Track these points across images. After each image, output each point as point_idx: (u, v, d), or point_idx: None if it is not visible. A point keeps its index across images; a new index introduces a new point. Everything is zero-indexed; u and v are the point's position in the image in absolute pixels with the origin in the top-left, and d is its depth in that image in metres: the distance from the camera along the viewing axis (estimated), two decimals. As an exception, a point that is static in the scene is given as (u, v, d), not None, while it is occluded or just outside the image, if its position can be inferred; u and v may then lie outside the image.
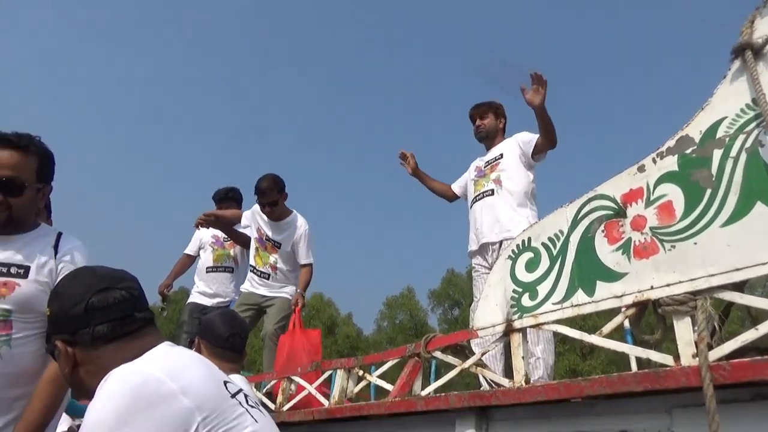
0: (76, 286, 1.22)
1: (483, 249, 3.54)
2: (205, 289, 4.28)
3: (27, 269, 1.80)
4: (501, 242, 3.43)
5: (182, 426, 1.03)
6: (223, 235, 4.37)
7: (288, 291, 4.05)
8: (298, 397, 3.03)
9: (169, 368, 1.11)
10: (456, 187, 3.92)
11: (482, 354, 2.11)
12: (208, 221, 4.12)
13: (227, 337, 2.22)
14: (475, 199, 3.65)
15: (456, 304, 34.42)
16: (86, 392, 1.14)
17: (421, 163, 3.97)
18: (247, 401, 1.20)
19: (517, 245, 2.07)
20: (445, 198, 3.98)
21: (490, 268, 3.40)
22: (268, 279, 4.07)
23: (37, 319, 1.78)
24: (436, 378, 2.41)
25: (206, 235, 4.47)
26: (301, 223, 4.05)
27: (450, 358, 2.23)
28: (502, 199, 3.50)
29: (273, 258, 4.05)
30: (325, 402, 2.69)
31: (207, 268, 4.35)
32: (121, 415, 1.00)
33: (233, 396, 1.17)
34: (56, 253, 1.87)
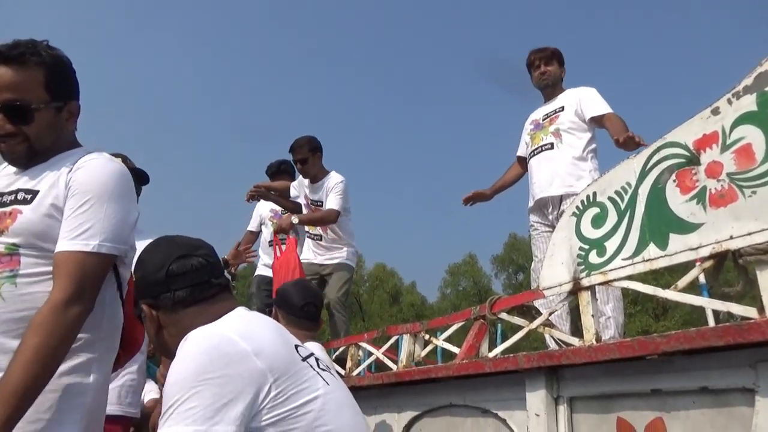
0: (157, 254, 1.30)
1: (541, 205, 3.39)
2: (269, 262, 4.40)
3: (35, 194, 1.43)
4: (561, 198, 3.27)
5: (255, 385, 1.07)
6: (280, 208, 4.47)
7: (345, 255, 4.08)
8: (366, 362, 3.10)
9: (243, 331, 1.16)
10: (521, 153, 3.73)
11: (550, 314, 2.08)
12: (258, 193, 4.24)
13: (302, 306, 2.31)
14: (533, 153, 3.48)
15: (520, 268, 33.96)
16: (170, 353, 1.21)
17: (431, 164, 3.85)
18: (318, 365, 1.24)
19: (582, 201, 2.00)
20: (514, 181, 3.85)
21: (549, 226, 3.31)
22: (321, 240, 4.09)
23: (51, 254, 1.38)
24: (503, 342, 2.39)
25: (265, 210, 4.58)
26: (335, 177, 4.03)
27: (516, 319, 2.21)
28: (562, 153, 3.31)
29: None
30: (393, 366, 2.73)
31: (269, 241, 4.47)
32: (199, 374, 1.06)
33: (304, 359, 1.20)
34: (70, 170, 1.45)
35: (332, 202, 3.92)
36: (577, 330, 2.48)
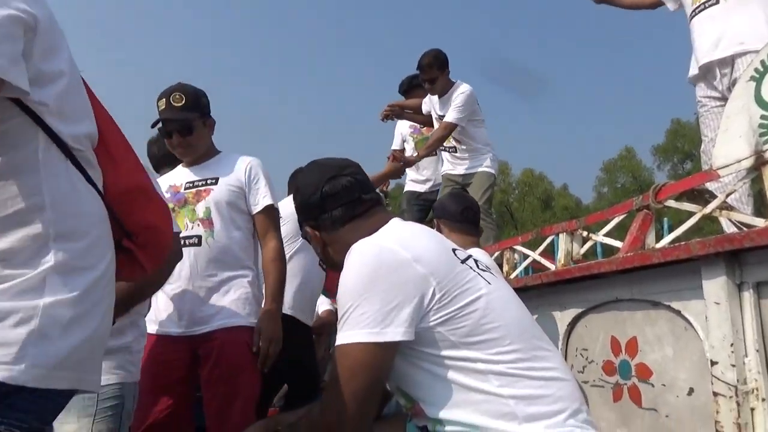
0: (310, 179, 1.38)
1: (708, 72, 2.86)
2: (416, 177, 4.47)
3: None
4: (733, 59, 2.72)
5: (419, 290, 1.12)
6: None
7: (484, 163, 4.00)
8: (522, 265, 3.08)
9: (401, 240, 1.21)
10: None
11: (727, 195, 1.86)
12: (393, 112, 4.28)
13: (461, 211, 2.36)
14: (695, 12, 2.91)
15: (686, 156, 30.78)
16: (337, 268, 1.30)
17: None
18: (477, 265, 1.25)
19: (762, 62, 1.71)
20: (643, 6, 3.34)
21: (719, 99, 2.86)
22: (455, 152, 4.05)
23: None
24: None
25: (404, 127, 4.61)
26: (459, 88, 3.92)
27: (686, 206, 2.01)
28: (729, 7, 2.73)
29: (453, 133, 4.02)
30: (551, 266, 2.69)
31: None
32: (366, 283, 1.13)
33: (463, 261, 1.22)
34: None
35: (449, 116, 3.86)
36: (759, 213, 2.21)
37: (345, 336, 1.11)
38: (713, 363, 1.75)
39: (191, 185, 2.18)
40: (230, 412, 1.83)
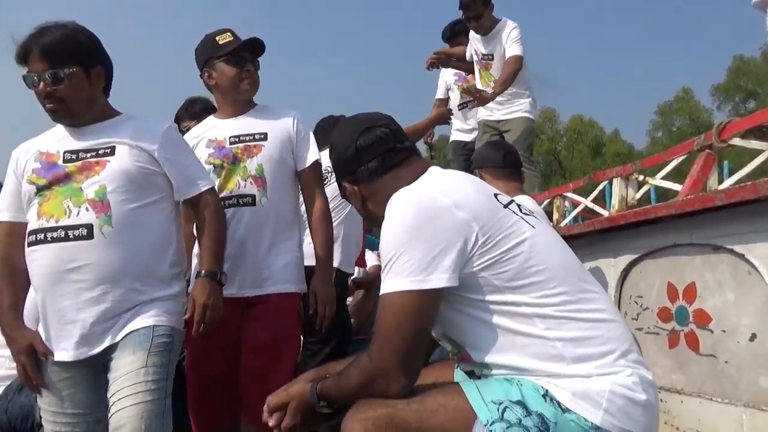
0: (344, 134, 1.36)
1: None
2: (462, 126, 4.37)
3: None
4: None
5: (462, 235, 1.10)
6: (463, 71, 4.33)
7: (522, 108, 3.80)
8: (573, 212, 3.01)
9: (442, 187, 1.18)
10: None
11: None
12: (438, 60, 4.15)
13: (503, 156, 2.29)
14: None
15: (750, 95, 28.90)
16: (378, 221, 1.29)
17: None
18: (520, 209, 1.22)
19: None
20: None
21: None
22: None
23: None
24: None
25: (449, 75, 4.47)
26: (508, 25, 3.74)
27: (754, 143, 1.89)
28: None
29: (495, 73, 3.86)
30: (604, 212, 2.61)
31: (458, 105, 4.41)
32: (408, 231, 1.12)
33: (505, 206, 1.19)
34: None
35: (514, 49, 3.66)
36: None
37: (389, 285, 1.11)
38: (779, 307, 1.67)
39: (237, 140, 2.00)
40: (274, 375, 1.77)
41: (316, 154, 2.06)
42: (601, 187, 2.92)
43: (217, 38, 2.01)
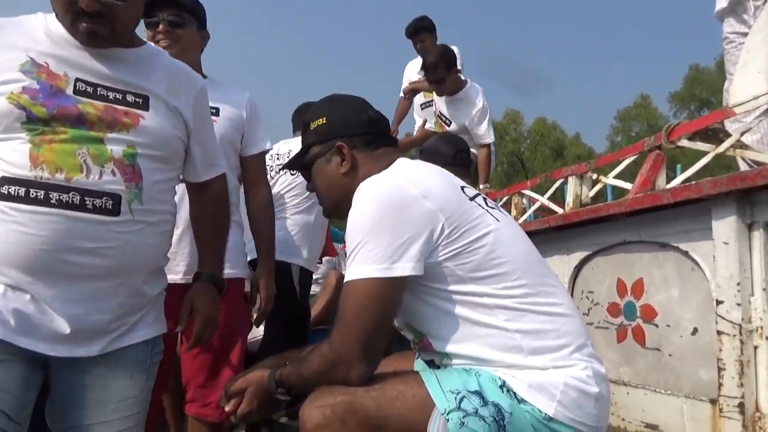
0: (351, 102, 1.37)
1: (738, 5, 2.68)
2: (428, 125, 4.41)
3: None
4: None
5: (429, 225, 1.11)
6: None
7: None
8: (531, 210, 3.07)
9: (410, 177, 1.19)
10: None
11: (743, 133, 1.81)
12: (412, 91, 4.20)
13: (454, 155, 2.28)
14: None
15: (704, 104, 29.95)
16: (342, 203, 1.27)
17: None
18: (486, 203, 1.23)
19: (787, -10, 1.62)
20: None
21: (747, 32, 2.74)
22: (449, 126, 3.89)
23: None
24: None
25: (413, 73, 4.50)
26: (476, 100, 3.53)
27: (700, 145, 1.97)
28: None
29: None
30: (560, 210, 2.67)
31: (421, 104, 4.44)
32: (375, 219, 1.12)
33: (471, 199, 1.21)
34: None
35: (486, 137, 3.54)
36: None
37: (354, 272, 1.11)
38: (719, 302, 1.74)
39: None
40: (228, 358, 1.72)
41: (266, 143, 1.96)
42: (557, 185, 2.99)
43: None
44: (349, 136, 1.30)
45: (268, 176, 2.20)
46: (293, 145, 2.67)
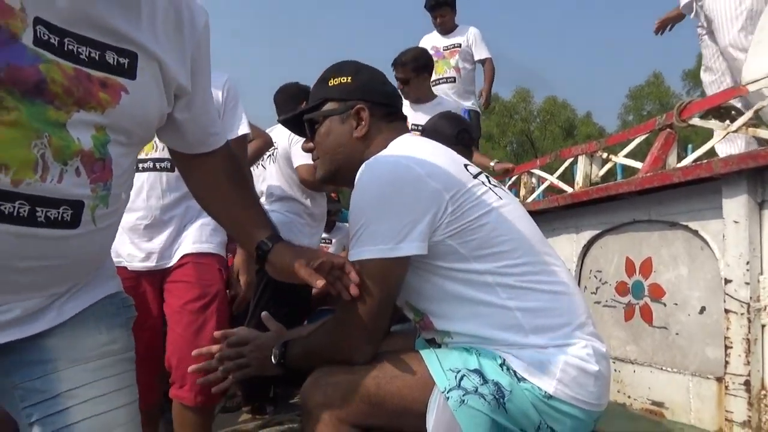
0: (376, 71, 1.35)
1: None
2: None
3: None
4: None
5: (433, 205, 1.11)
6: (442, 44, 4.33)
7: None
8: (540, 189, 3.06)
9: (414, 156, 1.18)
10: None
11: (756, 110, 1.79)
12: None
13: (456, 134, 2.26)
14: None
15: (718, 82, 29.45)
16: (340, 174, 1.29)
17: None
18: (489, 181, 1.23)
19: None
20: None
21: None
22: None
23: None
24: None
25: (427, 48, 4.47)
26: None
27: (712, 123, 1.95)
28: None
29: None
30: (569, 189, 2.66)
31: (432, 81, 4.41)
32: (379, 199, 1.12)
33: (475, 177, 1.21)
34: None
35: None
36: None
37: (359, 252, 1.11)
38: (727, 281, 1.75)
39: None
40: (204, 333, 1.64)
41: (246, 127, 1.90)
42: (567, 164, 2.97)
43: None
44: (372, 102, 1.28)
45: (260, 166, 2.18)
46: (276, 133, 2.70)
